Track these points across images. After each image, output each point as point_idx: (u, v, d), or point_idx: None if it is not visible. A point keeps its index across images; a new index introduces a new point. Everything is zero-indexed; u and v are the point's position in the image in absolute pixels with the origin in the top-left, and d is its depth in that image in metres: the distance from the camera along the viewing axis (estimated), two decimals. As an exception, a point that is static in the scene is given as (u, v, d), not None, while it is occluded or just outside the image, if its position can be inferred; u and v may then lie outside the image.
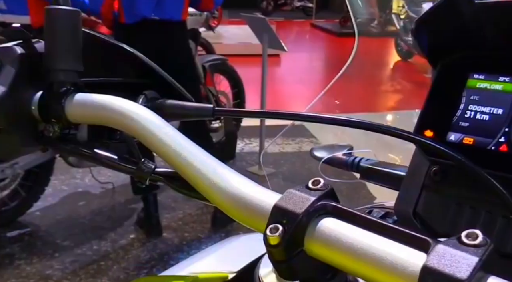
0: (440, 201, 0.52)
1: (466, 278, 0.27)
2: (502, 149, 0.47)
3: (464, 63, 0.51)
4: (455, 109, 0.51)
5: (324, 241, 0.34)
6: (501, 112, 0.48)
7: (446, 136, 0.51)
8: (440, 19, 0.50)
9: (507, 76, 0.49)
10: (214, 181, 0.39)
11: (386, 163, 0.62)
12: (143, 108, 0.42)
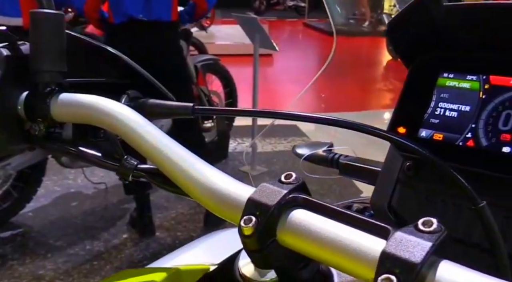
0: (412, 195, 0.54)
1: (420, 262, 0.29)
2: (469, 144, 0.50)
3: (434, 63, 0.54)
4: (426, 107, 0.53)
5: (294, 231, 0.36)
6: (469, 109, 0.50)
7: (418, 133, 0.53)
8: (411, 21, 0.53)
9: (474, 75, 0.51)
10: (193, 176, 0.41)
11: (364, 159, 0.64)
12: (125, 107, 0.44)
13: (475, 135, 0.49)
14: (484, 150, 0.48)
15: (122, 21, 2.30)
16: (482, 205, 0.41)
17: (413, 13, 0.52)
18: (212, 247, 0.56)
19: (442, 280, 0.29)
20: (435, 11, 0.50)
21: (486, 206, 0.41)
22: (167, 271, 0.46)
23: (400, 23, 0.53)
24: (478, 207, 0.41)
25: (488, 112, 0.49)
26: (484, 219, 0.41)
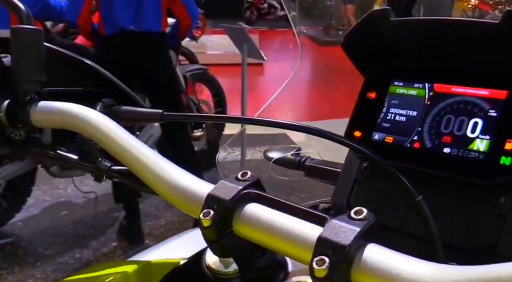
0: (368, 193, 0.59)
1: (348, 244, 0.34)
2: (416, 146, 0.54)
3: (386, 73, 0.59)
4: (379, 112, 0.58)
5: (247, 222, 0.40)
6: (415, 114, 0.55)
7: (372, 136, 0.58)
8: (364, 35, 0.58)
9: (420, 83, 0.56)
10: (160, 175, 0.46)
11: (327, 162, 0.69)
12: (99, 114, 0.48)
13: (421, 137, 0.54)
14: (428, 151, 0.53)
15: (113, 32, 2.35)
16: (419, 199, 0.45)
17: (365, 28, 0.57)
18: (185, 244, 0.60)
19: (368, 260, 0.34)
20: (384, 26, 0.56)
21: (422, 200, 0.45)
22: (138, 264, 0.50)
23: (354, 37, 0.58)
24: (416, 201, 0.45)
25: (432, 117, 0.54)
26: (421, 212, 0.45)
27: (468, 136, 0.51)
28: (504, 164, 0.48)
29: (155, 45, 2.44)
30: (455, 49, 0.53)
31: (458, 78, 0.53)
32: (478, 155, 0.50)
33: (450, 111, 0.53)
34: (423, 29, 0.55)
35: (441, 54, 0.55)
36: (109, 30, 2.34)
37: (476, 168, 0.50)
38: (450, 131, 0.52)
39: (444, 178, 0.52)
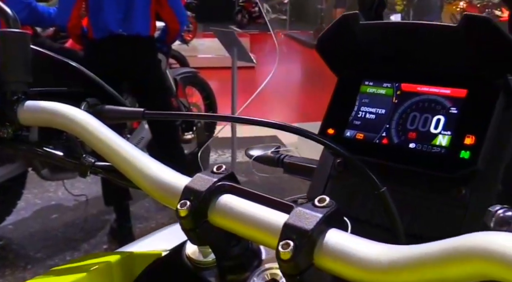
0: (341, 187, 0.62)
1: (311, 229, 0.37)
2: (384, 142, 0.58)
3: (358, 73, 0.62)
4: (351, 110, 0.61)
5: (221, 212, 0.43)
6: (384, 112, 0.59)
7: (344, 133, 0.61)
8: (336, 38, 0.61)
9: (388, 83, 0.59)
10: (140, 170, 0.48)
11: (305, 159, 0.72)
12: (83, 112, 0.51)
13: (389, 134, 0.58)
14: (395, 146, 0.57)
15: (102, 36, 2.37)
16: (383, 190, 0.49)
17: (337, 31, 0.60)
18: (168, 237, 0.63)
19: (329, 243, 0.37)
20: (354, 29, 0.59)
21: (386, 191, 0.49)
22: (122, 255, 0.52)
23: (327, 40, 0.62)
24: (380, 192, 0.49)
25: (399, 114, 0.58)
26: (385, 201, 0.49)
27: (432, 132, 0.55)
28: (463, 158, 0.52)
29: (144, 49, 2.46)
30: (420, 51, 0.57)
31: (423, 78, 0.57)
32: (440, 149, 0.54)
33: (415, 109, 0.57)
34: (390, 32, 0.58)
35: (408, 56, 0.58)
36: (98, 34, 2.37)
37: (438, 161, 0.53)
38: (415, 127, 0.56)
39: (410, 172, 0.56)
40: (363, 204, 0.60)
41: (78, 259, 0.52)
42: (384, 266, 0.34)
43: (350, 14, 0.58)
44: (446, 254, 0.30)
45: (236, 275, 0.48)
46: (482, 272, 0.27)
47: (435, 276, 0.31)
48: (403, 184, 0.57)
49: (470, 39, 0.51)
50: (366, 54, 0.61)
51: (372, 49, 0.60)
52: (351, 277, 0.36)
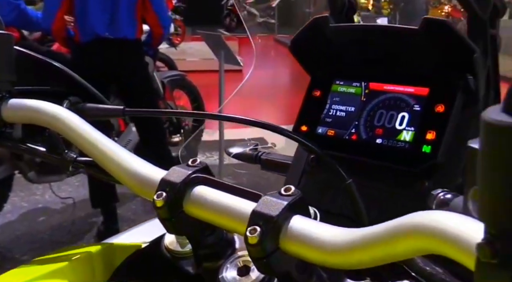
0: (314, 182, 0.65)
1: (276, 215, 0.40)
2: (353, 138, 0.61)
3: (329, 73, 0.65)
4: (323, 108, 0.65)
5: (196, 202, 0.46)
6: (353, 110, 0.62)
7: (316, 130, 0.64)
8: (308, 40, 0.64)
9: (357, 82, 0.63)
10: (120, 164, 0.51)
11: (281, 155, 0.75)
12: (65, 110, 0.54)
13: (357, 130, 0.61)
14: (363, 142, 0.60)
15: (88, 39, 2.38)
16: (349, 182, 0.52)
17: (308, 33, 0.63)
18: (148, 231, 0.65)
19: (293, 228, 0.40)
20: (325, 31, 0.62)
21: (352, 183, 0.52)
22: (102, 246, 0.55)
23: (300, 41, 0.65)
24: (346, 184, 0.52)
25: (367, 112, 0.61)
26: (351, 193, 0.52)
27: (397, 128, 0.58)
28: (425, 152, 0.55)
29: (130, 52, 2.48)
30: (386, 51, 0.60)
31: (389, 77, 0.60)
32: (404, 144, 0.57)
33: (382, 107, 0.60)
34: (358, 34, 0.62)
35: (375, 57, 0.62)
36: (84, 37, 2.38)
37: (402, 156, 0.57)
38: (382, 124, 0.59)
39: (377, 167, 0.59)
40: (334, 197, 0.63)
41: (60, 250, 0.54)
42: (341, 248, 0.37)
43: (321, 17, 0.62)
44: (393, 232, 0.33)
45: (211, 262, 0.51)
46: (423, 246, 0.31)
47: (385, 253, 0.34)
48: (371, 178, 0.60)
49: (430, 41, 0.55)
50: (337, 55, 0.64)
51: (342, 50, 0.64)
52: (312, 259, 0.39)
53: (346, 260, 0.37)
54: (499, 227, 0.24)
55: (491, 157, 0.23)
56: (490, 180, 0.23)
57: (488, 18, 0.55)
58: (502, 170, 0.22)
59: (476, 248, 0.24)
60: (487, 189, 0.23)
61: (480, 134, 0.23)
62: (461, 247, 0.27)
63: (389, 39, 0.59)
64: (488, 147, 0.23)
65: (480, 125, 0.23)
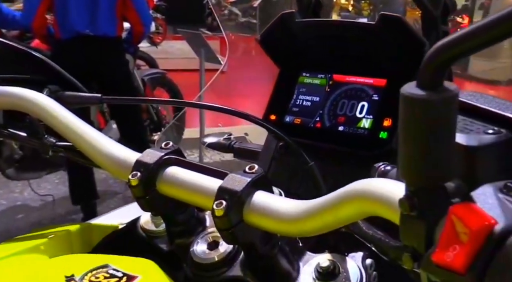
0: (282, 168, 0.70)
1: (240, 190, 0.44)
2: (317, 125, 0.66)
3: (297, 65, 0.70)
4: (290, 98, 0.69)
5: (168, 182, 0.50)
6: (318, 100, 0.67)
7: (284, 119, 0.68)
8: (277, 34, 0.68)
9: (322, 74, 0.67)
10: (97, 148, 0.54)
11: (253, 144, 0.79)
12: (45, 96, 0.57)
13: (322, 119, 0.65)
14: (327, 129, 0.65)
15: (68, 36, 2.39)
16: (311, 165, 0.56)
17: (276, 27, 0.67)
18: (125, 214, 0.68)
19: (255, 201, 0.44)
20: (291, 26, 0.67)
21: (314, 166, 0.56)
22: (81, 225, 0.58)
23: (269, 35, 0.69)
24: (309, 166, 0.56)
25: (331, 101, 0.65)
26: (313, 175, 0.56)
27: (357, 116, 0.63)
28: (382, 138, 0.60)
29: (110, 49, 2.49)
30: (347, 45, 0.65)
31: (351, 69, 0.65)
32: (363, 131, 0.62)
33: (344, 97, 0.65)
34: (322, 29, 0.66)
35: (338, 50, 0.66)
36: (64, 34, 2.38)
37: (362, 142, 0.61)
38: (344, 113, 0.64)
39: (339, 151, 0.64)
40: (301, 182, 0.67)
41: (39, 229, 0.57)
42: (297, 217, 0.41)
43: (287, 13, 0.66)
44: (338, 200, 0.37)
45: (183, 239, 0.54)
46: (362, 210, 0.35)
47: (333, 218, 0.38)
48: (333, 163, 0.64)
49: (387, 36, 0.59)
50: (303, 48, 0.69)
51: (307, 44, 0.68)
52: (272, 229, 0.43)
53: (302, 228, 0.41)
54: (415, 184, 0.28)
55: (407, 124, 0.27)
56: (406, 144, 0.27)
57: (439, 15, 0.60)
58: (416, 135, 0.27)
59: (399, 204, 0.29)
60: (405, 152, 0.28)
61: (399, 106, 0.28)
62: (389, 205, 0.31)
63: (350, 33, 0.64)
64: (404, 116, 0.27)
65: (399, 99, 0.28)
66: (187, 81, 4.57)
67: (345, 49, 0.66)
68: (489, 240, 0.24)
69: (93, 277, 0.43)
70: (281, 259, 0.49)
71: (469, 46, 0.24)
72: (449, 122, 0.26)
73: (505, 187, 0.26)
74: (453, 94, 0.26)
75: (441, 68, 0.26)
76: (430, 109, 0.26)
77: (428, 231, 0.28)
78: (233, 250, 0.51)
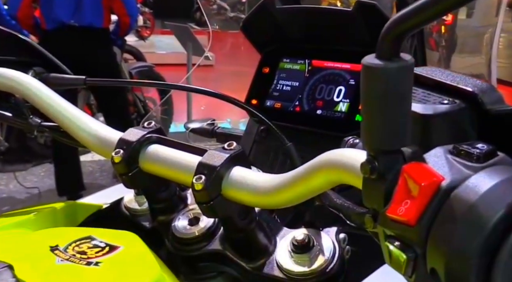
0: (264, 151, 0.72)
1: (218, 165, 0.46)
2: (297, 109, 0.68)
3: (278, 51, 0.72)
4: (271, 83, 0.71)
5: (149, 159, 0.52)
6: (297, 85, 0.69)
7: (265, 103, 0.71)
8: (258, 20, 0.71)
9: (302, 60, 0.69)
10: (81, 127, 0.56)
11: (234, 129, 0.81)
12: (31, 78, 0.58)
13: (301, 103, 0.68)
14: (306, 113, 0.67)
15: (53, 27, 2.38)
16: (289, 145, 0.58)
17: (258, 14, 0.70)
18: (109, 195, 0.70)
19: (233, 176, 0.46)
20: (272, 12, 0.69)
21: (292, 146, 0.58)
22: (66, 204, 0.60)
23: (250, 21, 0.71)
24: (287, 146, 0.58)
25: (310, 86, 0.68)
26: (291, 155, 0.58)
27: (334, 100, 0.65)
28: (358, 120, 0.62)
29: (97, 41, 2.49)
30: (326, 31, 0.67)
31: (329, 55, 0.67)
32: (340, 114, 0.64)
33: (322, 82, 0.67)
34: (301, 15, 0.68)
35: (316, 36, 0.69)
36: (50, 24, 2.38)
37: (338, 124, 0.64)
38: (322, 97, 0.66)
39: (317, 134, 0.66)
40: (282, 164, 0.69)
41: (25, 207, 0.58)
42: (271, 190, 0.43)
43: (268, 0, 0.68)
44: (308, 171, 0.39)
45: (165, 216, 0.56)
46: (332, 179, 0.37)
47: (304, 189, 0.40)
48: (311, 145, 0.67)
49: (363, 22, 0.62)
50: (283, 34, 0.71)
51: (287, 30, 0.70)
52: (249, 202, 0.46)
53: (277, 200, 0.43)
54: (375, 149, 0.30)
55: (367, 93, 0.29)
56: (367, 111, 0.30)
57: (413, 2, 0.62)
58: (375, 103, 0.29)
59: (360, 167, 0.31)
60: (366, 119, 0.30)
61: (361, 75, 0.30)
62: (352, 172, 0.34)
63: (328, 20, 0.66)
64: (365, 85, 0.30)
65: (361, 69, 0.30)
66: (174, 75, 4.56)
67: (323, 35, 0.68)
68: (436, 194, 0.26)
69: (76, 247, 0.45)
70: (259, 233, 0.51)
71: (420, 19, 0.27)
72: (405, 90, 0.29)
73: (454, 148, 0.28)
74: (408, 64, 0.28)
75: (397, 40, 0.28)
76: (387, 78, 0.28)
77: (386, 191, 0.30)
78: (213, 225, 0.54)
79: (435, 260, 0.25)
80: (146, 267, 0.45)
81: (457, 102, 0.35)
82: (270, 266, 0.50)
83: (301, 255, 0.49)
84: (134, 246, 0.48)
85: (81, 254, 0.44)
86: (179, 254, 0.54)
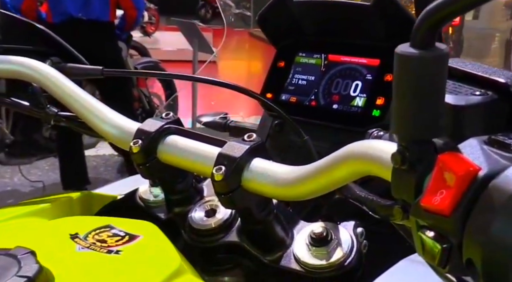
0: (278, 145, 0.72)
1: (238, 156, 0.46)
2: (313, 104, 0.68)
3: (294, 45, 0.72)
4: (287, 77, 0.71)
5: (167, 149, 0.52)
6: (313, 79, 0.69)
7: (280, 97, 0.70)
8: (274, 14, 0.70)
9: (318, 54, 0.69)
10: (100, 118, 0.56)
11: (248, 123, 0.81)
12: (48, 67, 0.58)
13: (317, 97, 0.68)
14: (322, 107, 0.67)
15: (61, 20, 2.38)
16: (306, 139, 0.58)
17: (274, 7, 0.69)
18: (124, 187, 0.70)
19: (253, 167, 0.46)
20: (289, 6, 0.68)
21: (309, 140, 0.58)
22: (82, 193, 0.60)
23: (266, 15, 0.71)
24: (304, 140, 0.58)
25: (326, 80, 0.68)
26: (308, 149, 0.58)
27: (351, 95, 0.65)
28: (375, 115, 0.62)
29: (103, 34, 2.49)
30: (342, 25, 0.67)
31: (345, 49, 0.67)
32: (357, 109, 0.64)
33: (339, 76, 0.67)
34: (318, 9, 0.68)
35: (333, 30, 0.68)
36: (57, 18, 2.38)
37: (355, 119, 0.64)
38: (338, 91, 0.66)
39: (333, 128, 0.66)
40: (297, 158, 0.69)
41: (42, 195, 0.59)
42: (292, 182, 0.43)
43: None
44: (333, 162, 0.39)
45: (181, 207, 0.56)
46: (358, 170, 0.37)
47: (327, 180, 0.40)
48: (327, 140, 0.67)
49: (381, 16, 0.62)
50: (300, 28, 0.71)
51: (304, 24, 0.70)
52: (269, 193, 0.45)
53: (298, 192, 0.43)
54: (407, 139, 0.30)
55: (400, 81, 0.29)
56: (400, 100, 0.30)
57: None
58: (408, 92, 0.29)
59: (391, 158, 0.31)
60: (398, 108, 0.30)
61: (394, 65, 0.30)
62: (381, 163, 0.33)
63: (346, 14, 0.66)
64: (398, 74, 0.29)
65: (394, 58, 0.30)
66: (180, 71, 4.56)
67: (340, 30, 0.68)
68: (473, 184, 0.26)
69: (96, 235, 0.45)
70: (276, 226, 0.51)
71: (456, 8, 0.26)
72: (439, 80, 0.29)
73: (489, 139, 0.28)
74: (444, 53, 0.28)
75: (432, 29, 0.28)
76: (422, 67, 0.28)
77: (417, 182, 0.30)
78: (230, 217, 0.54)
79: (472, 251, 0.25)
80: (167, 257, 0.45)
81: (489, 93, 0.34)
82: (288, 259, 0.50)
83: (319, 248, 0.49)
84: (154, 235, 0.48)
85: (101, 242, 0.44)
86: (196, 246, 0.54)
